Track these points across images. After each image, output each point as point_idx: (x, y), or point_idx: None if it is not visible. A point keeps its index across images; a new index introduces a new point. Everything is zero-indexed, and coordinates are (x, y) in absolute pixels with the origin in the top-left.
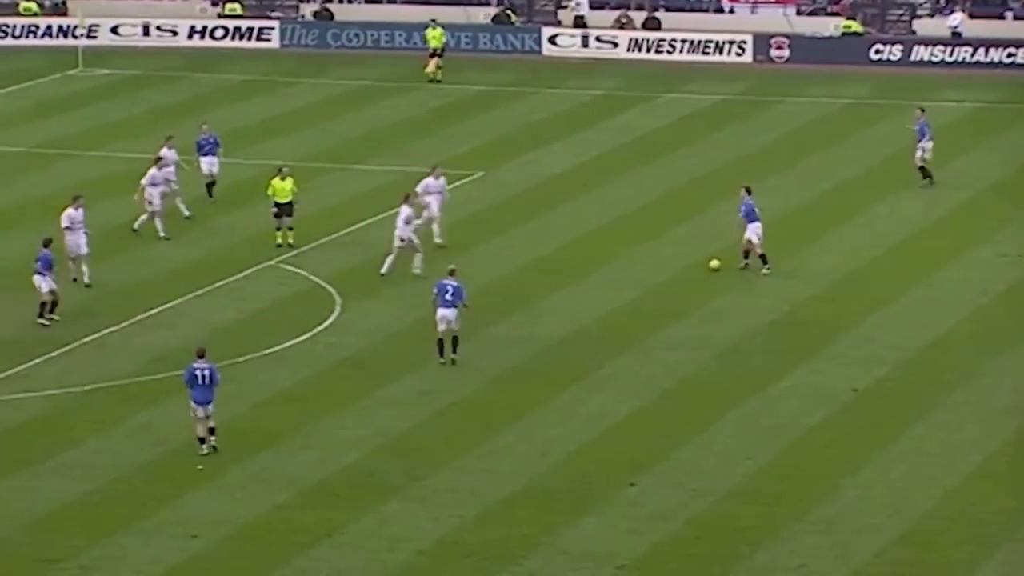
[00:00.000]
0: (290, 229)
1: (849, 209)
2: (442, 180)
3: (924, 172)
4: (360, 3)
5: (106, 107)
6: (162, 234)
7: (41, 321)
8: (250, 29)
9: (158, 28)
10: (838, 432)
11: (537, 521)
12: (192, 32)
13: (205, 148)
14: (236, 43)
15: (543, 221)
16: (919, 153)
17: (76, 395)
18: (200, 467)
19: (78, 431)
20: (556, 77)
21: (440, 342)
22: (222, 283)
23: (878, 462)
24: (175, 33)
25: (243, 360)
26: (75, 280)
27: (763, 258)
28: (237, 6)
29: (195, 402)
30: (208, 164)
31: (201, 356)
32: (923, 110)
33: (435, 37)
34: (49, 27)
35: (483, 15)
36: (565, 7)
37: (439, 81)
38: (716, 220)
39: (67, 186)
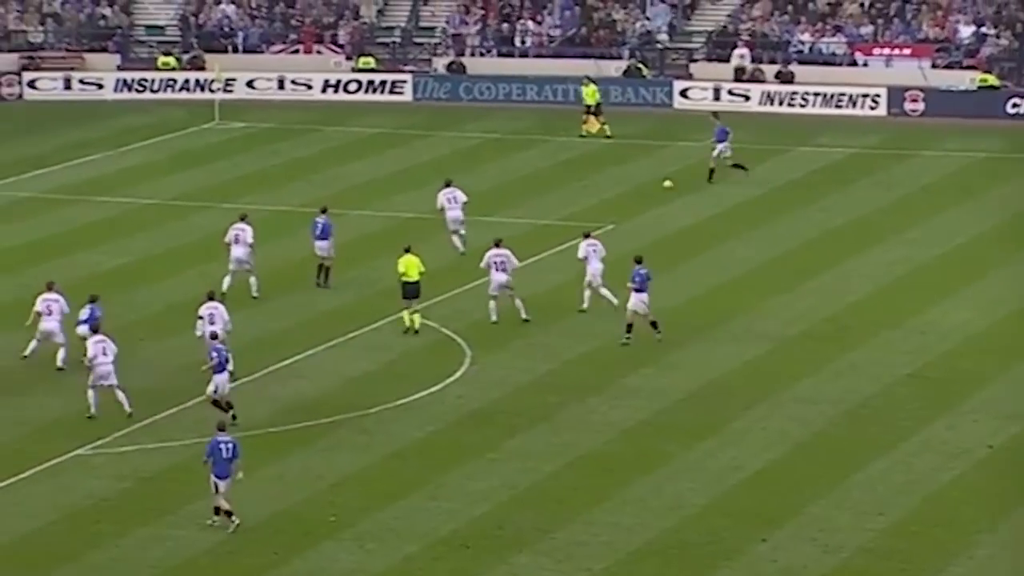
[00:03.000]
0: (416, 312)
1: (984, 264)
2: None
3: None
4: (492, 56)
5: (241, 160)
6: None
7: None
8: (383, 82)
9: (293, 82)
10: (973, 489)
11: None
12: (326, 86)
13: (320, 232)
14: (369, 96)
15: (675, 273)
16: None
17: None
18: (332, 517)
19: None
20: (687, 130)
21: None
22: (354, 334)
23: (1015, 520)
24: (309, 87)
25: (374, 411)
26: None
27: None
28: (371, 60)
29: (216, 476)
30: (323, 248)
31: (222, 430)
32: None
33: (590, 94)
34: (187, 81)
35: (614, 68)
36: (696, 61)
37: (610, 136)
38: (848, 273)
39: (202, 237)
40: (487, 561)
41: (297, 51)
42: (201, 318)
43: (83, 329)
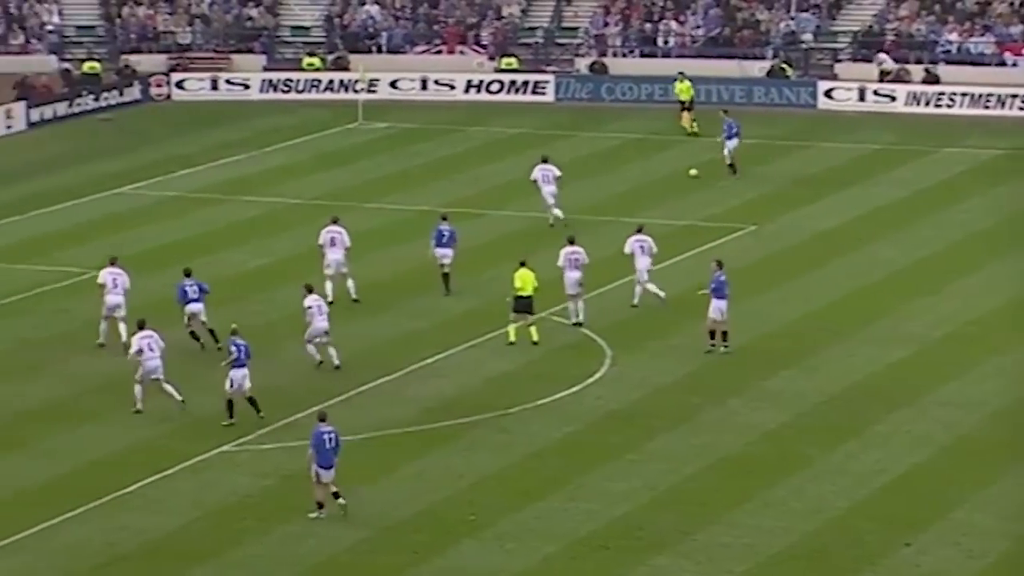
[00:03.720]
0: (530, 326)
1: None
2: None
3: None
4: (634, 57)
5: (383, 160)
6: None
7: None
8: (525, 83)
9: (436, 82)
10: None
11: None
12: (469, 86)
13: (443, 239)
14: (511, 97)
15: (816, 275)
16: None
17: (351, 443)
18: (472, 517)
19: (354, 478)
20: (831, 131)
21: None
22: (494, 334)
23: None
24: (452, 87)
25: (514, 411)
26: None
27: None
28: (513, 60)
29: (320, 466)
30: (446, 256)
31: (323, 420)
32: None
33: (684, 90)
34: (331, 82)
35: (758, 69)
36: (841, 61)
37: (696, 134)
38: (994, 276)
39: None
40: (626, 562)
41: (440, 52)
42: (309, 308)
43: (196, 307)
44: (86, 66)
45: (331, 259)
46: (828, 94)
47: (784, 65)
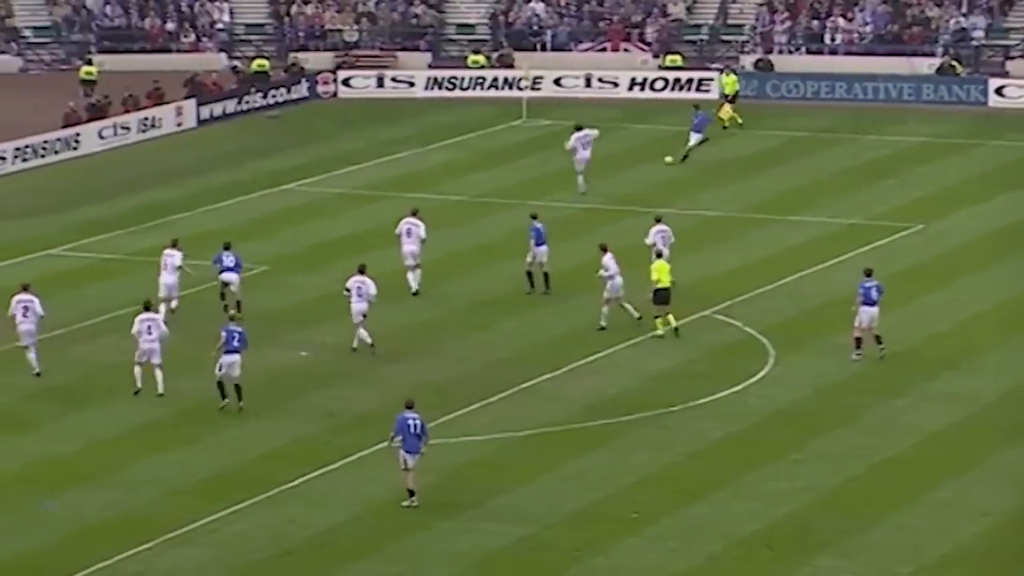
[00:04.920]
0: (668, 314)
1: None
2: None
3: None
4: (800, 54)
5: (547, 157)
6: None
7: None
8: (690, 80)
9: (599, 80)
10: None
11: None
12: (632, 84)
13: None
14: (675, 94)
15: (985, 275)
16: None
17: (512, 440)
18: (634, 515)
19: (513, 476)
20: (1001, 129)
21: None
22: (654, 333)
23: None
24: (616, 84)
25: (675, 409)
26: None
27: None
28: (678, 58)
29: (405, 451)
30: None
31: (410, 407)
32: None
33: (729, 83)
34: (495, 79)
35: (927, 66)
36: (1013, 58)
37: (741, 125)
38: None
39: (507, 234)
40: (790, 562)
41: (604, 49)
42: (348, 290)
43: (231, 276)
44: (255, 64)
45: (406, 250)
46: (999, 91)
47: (954, 62)
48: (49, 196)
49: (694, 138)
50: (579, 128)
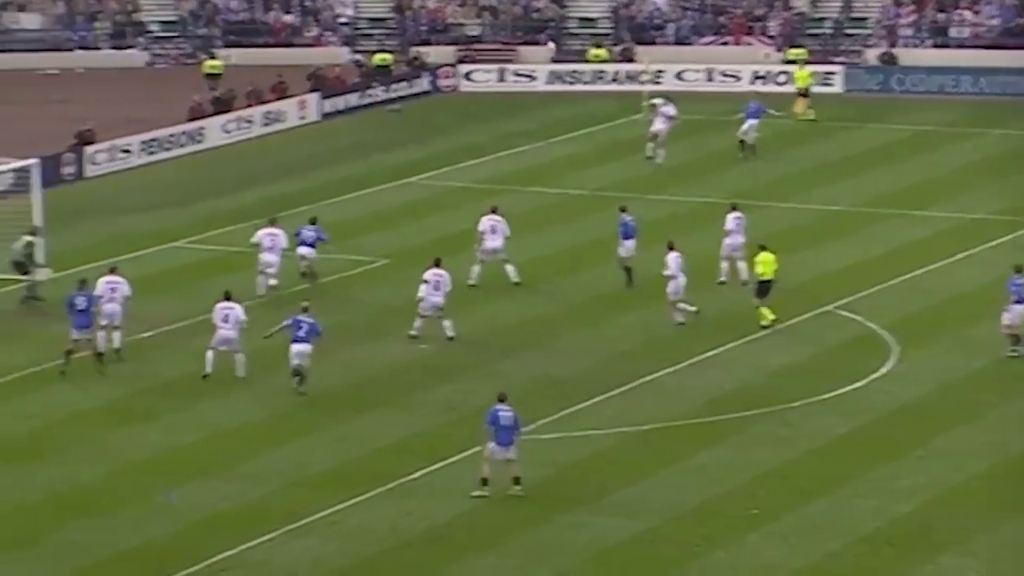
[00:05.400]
0: (765, 309)
1: None
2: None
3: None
4: (925, 47)
5: (668, 151)
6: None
7: None
8: (813, 74)
9: (722, 74)
10: None
11: None
12: (755, 77)
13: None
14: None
15: None
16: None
17: (634, 434)
18: (755, 511)
19: (635, 470)
20: None
21: None
22: (777, 327)
23: None
24: (738, 78)
25: (797, 405)
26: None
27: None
28: (802, 51)
29: (497, 443)
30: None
31: (502, 401)
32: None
33: (803, 77)
34: (616, 73)
35: None
36: None
37: (815, 120)
38: None
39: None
40: (912, 560)
41: (727, 43)
42: (426, 282)
43: (307, 250)
44: (377, 58)
45: (489, 247)
46: None
47: None
48: (174, 189)
49: (747, 124)
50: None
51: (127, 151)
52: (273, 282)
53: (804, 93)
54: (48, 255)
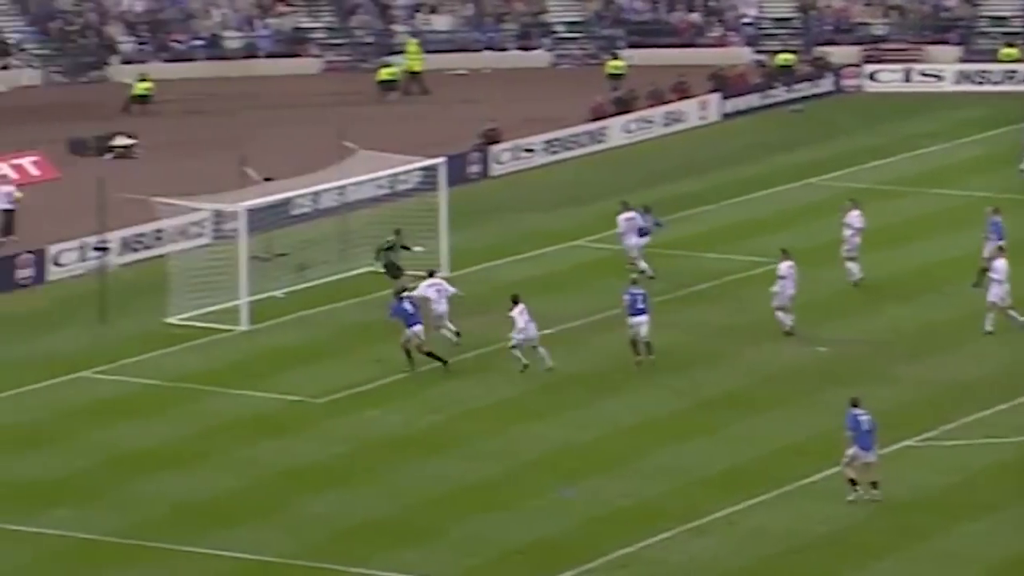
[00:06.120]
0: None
1: None
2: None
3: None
4: None
5: None
6: None
7: None
8: None
9: None
10: None
11: None
12: None
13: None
14: None
15: None
16: None
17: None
18: None
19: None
20: None
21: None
22: None
23: None
24: None
25: None
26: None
27: None
28: None
29: (860, 448)
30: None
31: (855, 405)
32: None
33: None
34: None
35: None
36: None
37: None
38: None
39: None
40: None
41: None
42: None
43: (638, 240)
44: (780, 58)
45: (853, 242)
46: None
47: None
48: (575, 188)
49: None
50: None
51: (530, 150)
52: (642, 264)
53: None
54: (450, 253)
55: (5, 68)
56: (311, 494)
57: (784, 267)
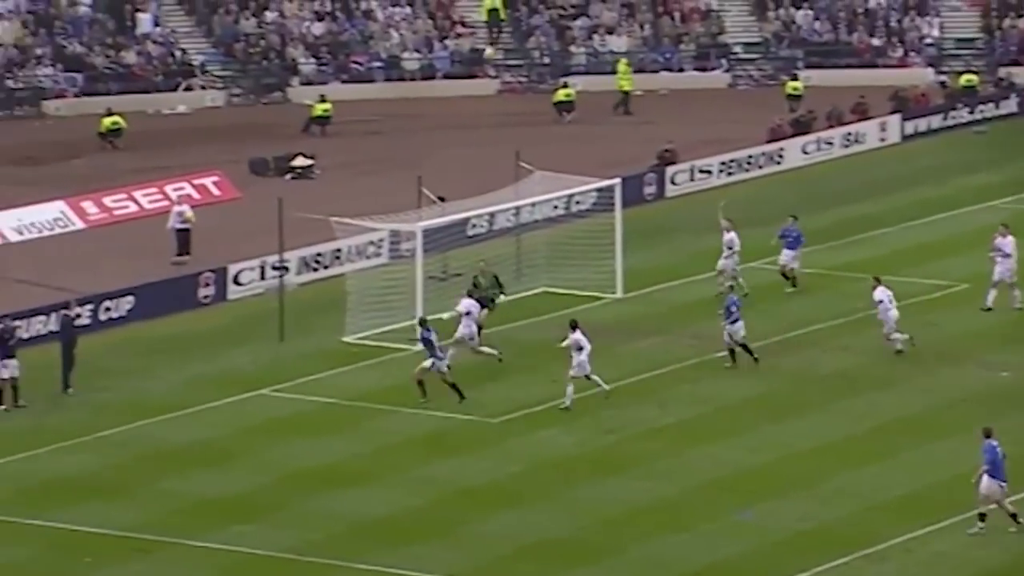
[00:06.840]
0: None
1: None
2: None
3: None
4: None
5: None
6: None
7: None
8: None
9: None
10: None
11: None
12: None
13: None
14: None
15: None
16: None
17: None
18: None
19: None
20: None
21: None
22: None
23: None
24: None
25: None
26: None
27: None
28: None
29: (990, 476)
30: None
31: (988, 436)
32: None
33: None
34: None
35: None
36: None
37: None
38: None
39: None
40: None
41: None
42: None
43: (790, 253)
44: (963, 79)
45: (997, 271)
46: None
47: None
48: (752, 209)
49: None
50: None
51: (707, 171)
52: (730, 283)
53: None
54: (625, 274)
55: (189, 89)
56: (486, 513)
57: (879, 292)
